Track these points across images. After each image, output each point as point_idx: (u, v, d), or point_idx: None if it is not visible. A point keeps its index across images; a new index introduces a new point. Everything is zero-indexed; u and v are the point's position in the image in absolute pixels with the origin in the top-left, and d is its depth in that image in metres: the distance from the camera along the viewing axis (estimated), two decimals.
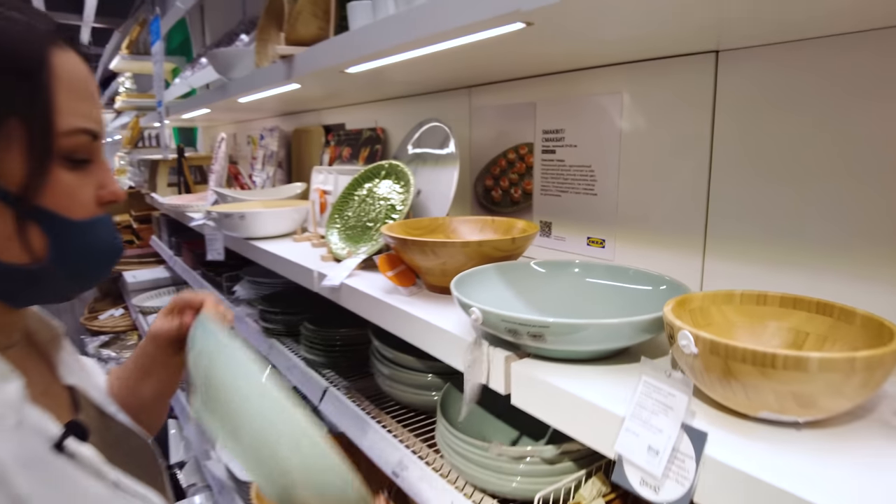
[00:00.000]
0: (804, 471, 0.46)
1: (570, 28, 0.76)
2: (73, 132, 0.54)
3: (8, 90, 0.50)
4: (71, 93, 0.54)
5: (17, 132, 0.51)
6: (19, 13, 0.53)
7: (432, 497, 0.91)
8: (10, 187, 0.51)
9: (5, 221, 0.52)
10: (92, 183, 0.58)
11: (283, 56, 1.29)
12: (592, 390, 0.62)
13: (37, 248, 0.54)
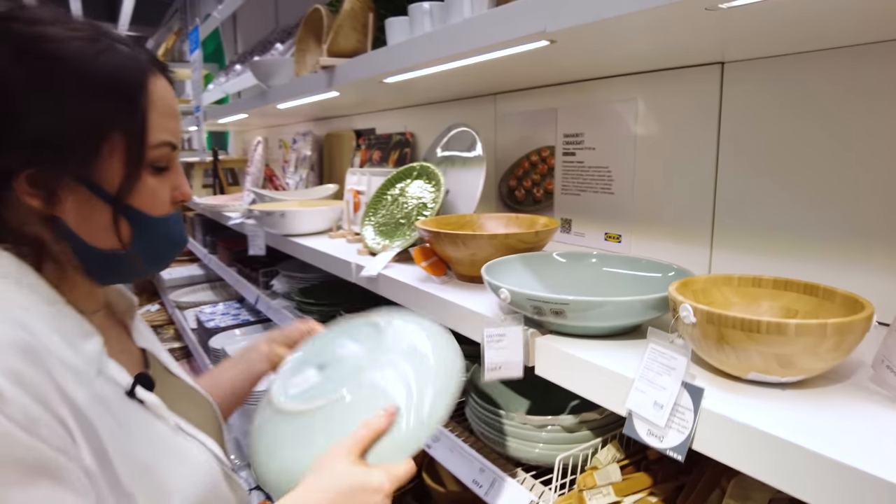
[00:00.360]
0: (786, 420, 0.55)
1: (589, 45, 0.86)
2: (160, 145, 0.66)
3: (114, 109, 0.62)
4: (160, 112, 0.66)
5: (118, 145, 0.63)
6: (125, 46, 0.66)
7: (462, 465, 1.01)
8: (109, 189, 0.63)
9: (103, 216, 0.64)
10: (168, 185, 0.70)
11: (324, 66, 1.41)
12: (607, 359, 0.71)
13: (125, 238, 0.66)
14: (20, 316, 0.58)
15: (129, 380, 0.67)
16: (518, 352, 0.81)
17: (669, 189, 1.10)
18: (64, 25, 0.62)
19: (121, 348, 0.74)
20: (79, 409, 0.58)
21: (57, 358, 0.58)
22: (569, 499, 0.85)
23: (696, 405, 0.60)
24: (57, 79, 0.59)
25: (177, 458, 0.67)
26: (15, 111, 0.59)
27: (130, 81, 0.63)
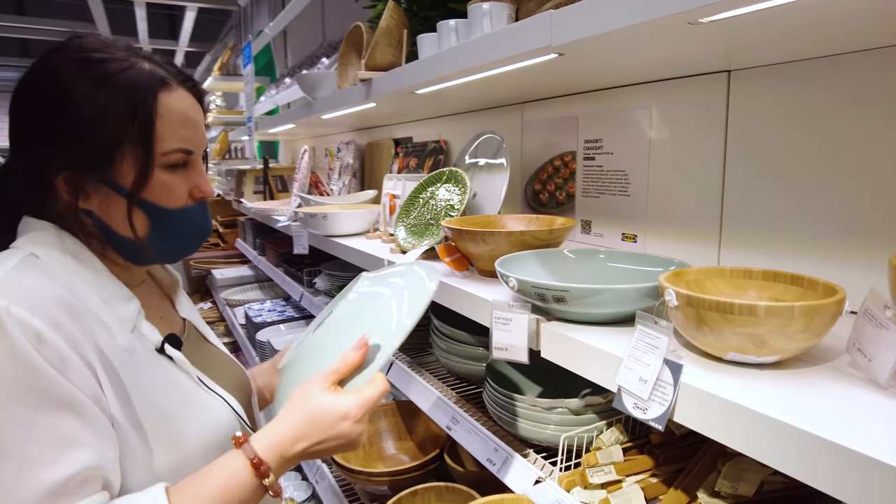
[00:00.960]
0: (760, 395, 0.60)
1: (596, 56, 0.94)
2: (171, 152, 0.76)
3: (125, 122, 0.72)
4: (171, 123, 0.76)
5: (130, 151, 0.74)
6: (148, 62, 0.77)
7: (478, 445, 1.09)
8: (124, 185, 0.74)
9: (122, 209, 0.75)
10: (187, 182, 0.80)
11: (362, 79, 1.53)
12: (604, 342, 0.78)
13: (140, 229, 0.77)
14: (62, 276, 0.71)
15: (160, 338, 0.79)
16: (523, 337, 0.88)
17: (680, 191, 1.15)
18: (101, 51, 0.74)
19: (162, 315, 0.87)
20: (107, 358, 0.70)
21: (93, 314, 0.71)
22: (572, 475, 0.92)
23: (675, 380, 0.66)
24: (87, 97, 0.71)
25: (197, 408, 0.79)
26: (56, 124, 0.72)
27: (139, 97, 0.73)
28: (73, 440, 0.63)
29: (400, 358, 1.52)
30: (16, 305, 0.62)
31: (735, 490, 0.83)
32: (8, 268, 0.67)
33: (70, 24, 6.35)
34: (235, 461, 0.71)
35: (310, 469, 1.73)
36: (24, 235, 0.75)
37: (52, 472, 0.60)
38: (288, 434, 0.74)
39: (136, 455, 0.70)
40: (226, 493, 0.69)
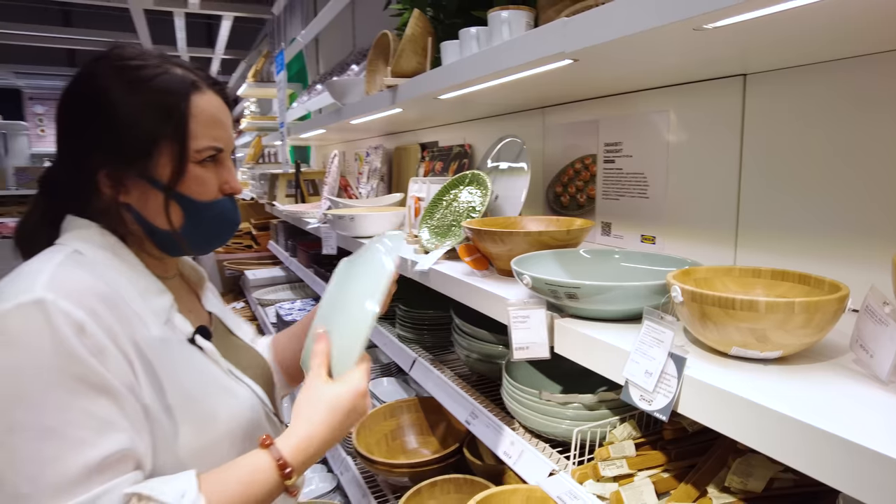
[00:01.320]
0: (761, 388, 0.62)
1: (610, 61, 0.97)
2: (203, 149, 0.83)
3: (162, 122, 0.79)
4: (202, 122, 0.83)
5: (167, 147, 0.80)
6: (180, 68, 0.84)
7: (496, 439, 1.13)
8: (161, 180, 0.81)
9: (159, 201, 0.82)
10: (217, 178, 0.86)
11: (389, 86, 1.58)
12: (614, 338, 0.81)
13: (175, 220, 0.83)
14: (103, 271, 0.77)
15: (191, 330, 0.85)
16: (542, 333, 0.92)
17: (698, 193, 1.17)
18: (136, 59, 0.81)
19: (190, 308, 0.94)
20: (142, 349, 0.75)
21: (130, 307, 0.77)
22: (585, 468, 0.95)
23: (679, 372, 0.69)
24: (126, 100, 0.78)
25: (226, 394, 0.84)
26: (98, 125, 0.79)
27: (174, 99, 0.80)
28: (109, 424, 0.68)
29: (422, 356, 1.57)
30: (62, 299, 0.68)
31: (744, 486, 0.84)
32: (55, 263, 0.73)
33: (114, 35, 6.60)
34: (262, 460, 0.76)
35: (334, 461, 1.79)
36: (68, 233, 0.82)
37: (91, 451, 0.66)
38: (313, 435, 0.79)
39: (166, 438, 0.76)
40: (249, 489, 0.74)
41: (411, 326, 1.62)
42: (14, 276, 0.73)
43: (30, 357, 0.65)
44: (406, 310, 1.63)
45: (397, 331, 1.68)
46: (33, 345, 0.66)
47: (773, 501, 0.85)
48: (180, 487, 0.70)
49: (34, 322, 0.66)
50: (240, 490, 0.73)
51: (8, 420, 0.64)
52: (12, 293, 0.68)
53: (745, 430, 0.61)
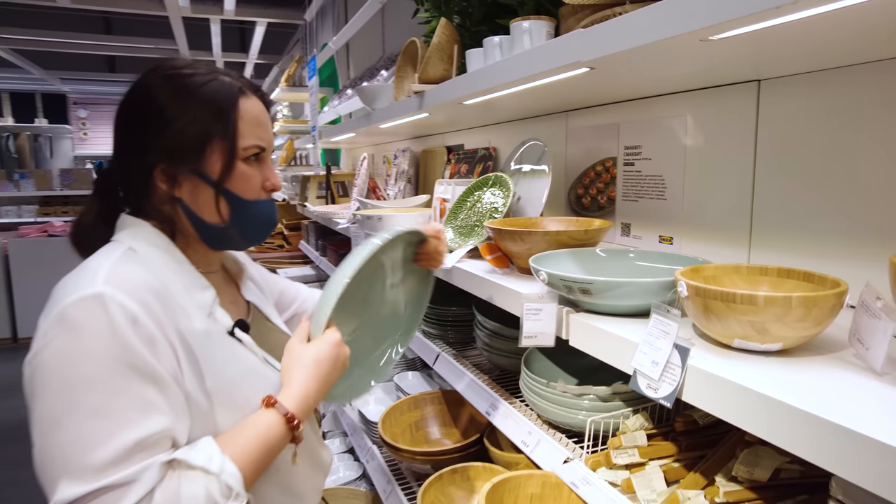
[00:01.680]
0: (760, 377, 0.66)
1: (625, 69, 1.02)
2: (249, 147, 0.91)
3: (214, 122, 0.88)
4: (248, 123, 0.91)
5: (218, 146, 0.89)
6: (226, 76, 0.93)
7: (514, 428, 1.18)
8: (212, 176, 0.89)
9: (208, 196, 0.90)
10: (260, 176, 0.95)
11: (416, 91, 1.65)
12: (623, 330, 0.86)
13: (223, 214, 0.91)
14: (156, 268, 0.86)
15: (231, 322, 0.93)
16: (552, 324, 0.97)
17: (713, 195, 1.21)
18: (188, 68, 0.91)
19: (231, 300, 1.02)
20: (187, 340, 0.83)
21: (178, 301, 0.85)
22: (597, 456, 1.00)
23: (683, 362, 0.74)
24: (180, 104, 0.87)
25: (262, 381, 0.92)
26: (156, 125, 0.87)
27: (226, 103, 0.89)
28: (153, 407, 0.76)
29: (445, 350, 1.63)
30: (119, 292, 0.77)
31: (750, 475, 0.88)
32: (113, 260, 0.82)
33: (153, 41, 6.86)
34: (272, 417, 0.84)
35: (361, 450, 1.86)
36: (123, 231, 0.90)
37: (137, 431, 0.74)
38: (308, 387, 0.88)
39: (205, 420, 0.84)
40: (264, 444, 0.82)
41: (435, 322, 1.69)
42: (78, 271, 0.82)
43: (90, 344, 0.74)
44: (431, 306, 1.70)
45: (422, 327, 1.75)
46: (93, 333, 0.74)
47: (779, 491, 0.88)
48: (206, 451, 0.78)
49: (94, 313, 0.75)
50: (256, 446, 0.82)
51: (69, 399, 0.72)
52: (76, 287, 0.77)
53: (741, 414, 0.65)
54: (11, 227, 6.99)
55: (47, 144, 9.73)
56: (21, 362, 0.79)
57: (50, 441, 0.72)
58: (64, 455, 0.72)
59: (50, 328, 0.75)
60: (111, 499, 0.71)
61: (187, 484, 0.75)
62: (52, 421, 0.73)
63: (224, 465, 0.77)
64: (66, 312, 0.75)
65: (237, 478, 0.78)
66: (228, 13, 4.86)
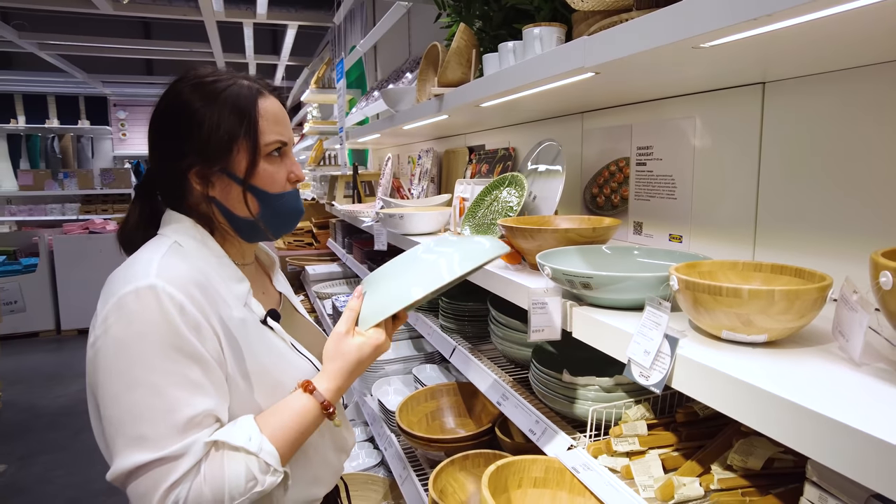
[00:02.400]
0: (744, 366, 0.70)
1: (629, 73, 1.06)
2: (270, 143, 0.98)
3: (238, 123, 0.95)
4: (269, 121, 0.98)
5: (242, 145, 0.96)
6: (246, 80, 1.01)
7: (523, 418, 1.23)
8: (238, 174, 0.96)
9: (238, 193, 0.97)
10: (284, 170, 1.02)
11: (436, 95, 1.71)
12: (621, 323, 0.91)
13: (252, 208, 0.98)
14: (198, 262, 0.94)
15: (263, 312, 1.00)
16: (557, 318, 1.02)
17: (720, 195, 1.24)
18: (210, 76, 0.98)
19: (263, 290, 1.10)
20: (228, 327, 0.92)
21: (218, 292, 0.93)
22: (599, 444, 1.05)
23: (672, 351, 0.78)
24: (207, 109, 0.95)
25: (290, 366, 0.99)
26: (187, 131, 0.95)
27: (246, 105, 0.97)
28: (200, 387, 0.85)
29: (462, 344, 1.69)
30: (168, 284, 0.85)
31: (744, 463, 0.92)
32: (161, 254, 0.91)
33: (188, 45, 7.09)
34: (310, 403, 0.92)
35: (380, 438, 1.93)
36: (168, 226, 0.99)
37: (187, 409, 0.83)
38: (345, 378, 0.96)
39: (244, 401, 0.92)
40: (301, 425, 0.91)
41: (453, 317, 1.75)
42: (130, 263, 0.91)
43: (144, 329, 0.83)
44: (448, 301, 1.76)
45: (440, 321, 1.81)
46: (148, 320, 0.83)
47: (772, 479, 0.92)
48: (246, 431, 0.86)
49: (148, 302, 0.83)
50: (293, 427, 0.90)
51: (128, 378, 0.82)
52: (132, 278, 0.86)
53: (725, 400, 0.69)
54: (56, 225, 7.31)
55: (89, 145, 10.12)
56: (64, 353, 0.89)
57: (112, 414, 0.82)
58: (123, 428, 0.81)
59: (109, 315, 0.84)
60: (164, 470, 0.80)
61: (229, 462, 0.84)
62: (112, 398, 0.82)
63: (262, 444, 0.86)
64: (123, 301, 0.84)
65: (275, 456, 0.86)
66: (260, 17, 5.01)
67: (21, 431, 3.97)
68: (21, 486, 3.28)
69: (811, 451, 0.59)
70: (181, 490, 0.81)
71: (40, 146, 9.55)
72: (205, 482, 0.82)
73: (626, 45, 0.87)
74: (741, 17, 0.68)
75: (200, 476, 0.82)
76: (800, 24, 0.69)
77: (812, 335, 0.83)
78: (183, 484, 0.81)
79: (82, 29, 6.81)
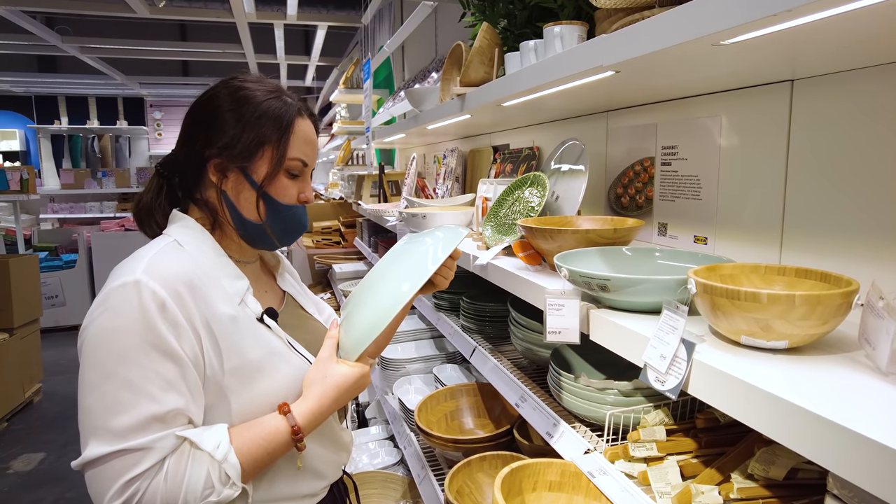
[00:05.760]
0: (765, 374, 0.68)
1: (650, 71, 1.04)
2: (294, 159, 1.01)
3: (272, 132, 0.98)
4: (299, 139, 1.02)
5: (268, 152, 0.99)
6: (289, 98, 1.04)
7: (541, 420, 1.22)
8: (256, 178, 0.99)
9: (250, 195, 1.00)
10: (297, 188, 1.04)
11: (458, 94, 1.71)
12: (638, 326, 0.89)
13: (262, 214, 1.01)
14: (196, 257, 0.97)
15: (260, 310, 1.02)
16: (574, 320, 1.01)
17: (746, 196, 1.20)
18: (256, 83, 1.02)
19: (266, 289, 1.12)
20: (211, 328, 0.92)
21: (210, 289, 0.95)
22: (616, 448, 1.03)
23: (689, 356, 0.76)
24: (247, 110, 0.98)
25: (284, 362, 1.00)
26: (221, 124, 0.98)
27: (283, 119, 1.00)
28: (172, 385, 0.86)
29: (482, 345, 1.68)
30: (152, 280, 0.87)
31: (766, 473, 0.89)
32: (154, 251, 0.94)
33: (221, 46, 7.23)
34: (281, 425, 0.93)
35: (400, 437, 1.94)
36: (172, 225, 1.02)
37: (156, 405, 0.84)
38: (323, 406, 0.96)
39: (224, 396, 0.93)
40: (268, 446, 0.91)
41: (474, 318, 1.74)
42: (129, 258, 0.94)
43: (124, 323, 0.85)
44: (469, 302, 1.76)
45: (461, 321, 1.81)
46: (127, 314, 0.85)
47: (795, 490, 0.89)
48: (216, 438, 0.88)
49: (130, 297, 0.86)
50: (261, 445, 0.91)
51: (105, 369, 0.84)
52: (123, 273, 0.89)
53: (741, 408, 0.67)
54: (94, 222, 7.56)
55: (126, 144, 10.41)
56: None
57: (86, 403, 0.84)
58: (94, 418, 0.83)
59: (96, 307, 0.88)
60: (128, 461, 0.82)
61: (192, 463, 0.86)
62: (89, 387, 0.85)
63: (228, 455, 0.87)
64: (109, 295, 0.87)
65: (236, 469, 0.88)
66: (291, 18, 5.07)
67: (61, 421, 4.11)
68: (59, 474, 3.40)
69: (832, 464, 0.57)
70: (140, 484, 0.82)
71: (81, 146, 9.88)
72: (164, 480, 0.83)
73: (644, 43, 0.85)
74: (760, 13, 0.66)
75: (162, 472, 0.84)
76: (825, 19, 0.67)
77: (837, 342, 0.80)
78: (143, 479, 0.82)
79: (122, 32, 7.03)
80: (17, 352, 4.12)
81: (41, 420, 4.14)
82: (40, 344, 4.59)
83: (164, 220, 1.04)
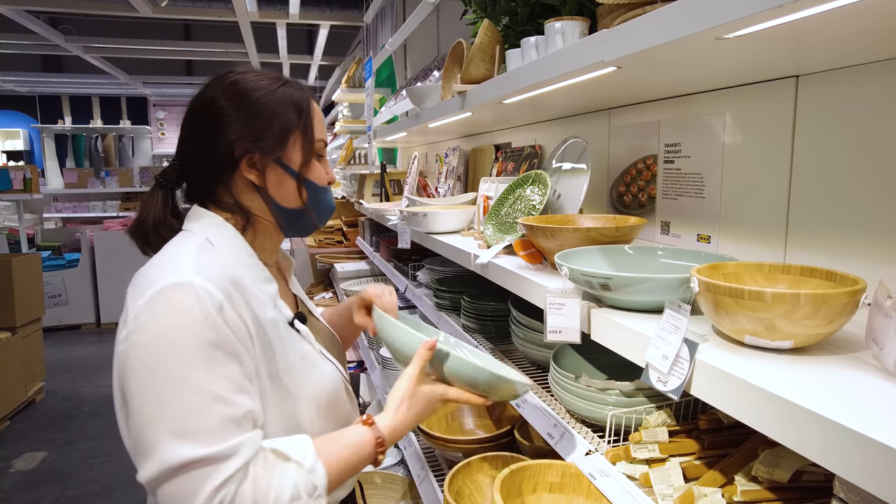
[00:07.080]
0: (768, 375, 0.66)
1: (652, 67, 1.02)
2: (318, 140, 1.02)
3: (296, 119, 0.98)
4: (316, 120, 1.02)
5: (297, 140, 0.98)
6: (298, 84, 1.02)
7: (542, 421, 1.21)
8: (294, 167, 0.98)
9: (290, 184, 0.99)
10: (324, 169, 1.04)
11: (459, 92, 1.69)
12: (640, 326, 0.87)
13: (303, 199, 1.00)
14: (233, 262, 0.93)
15: (291, 314, 1.00)
16: (575, 319, 0.99)
17: (750, 194, 1.19)
18: (256, 74, 1.00)
19: (283, 292, 1.09)
20: (262, 325, 0.90)
21: (251, 291, 0.92)
22: (617, 450, 1.01)
23: (691, 356, 0.75)
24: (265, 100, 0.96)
25: (316, 369, 0.98)
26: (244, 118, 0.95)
27: (302, 102, 1.00)
28: (241, 386, 0.83)
29: (483, 345, 1.67)
30: (206, 281, 0.84)
31: (770, 475, 0.88)
32: (195, 251, 0.89)
33: (224, 46, 7.23)
34: (366, 436, 0.91)
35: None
36: (196, 222, 0.97)
37: (233, 408, 0.80)
38: (407, 422, 0.96)
39: (269, 401, 0.90)
40: (351, 457, 0.89)
41: (475, 317, 1.73)
42: (159, 259, 0.89)
43: (184, 325, 0.80)
44: (470, 301, 1.74)
45: (462, 321, 1.79)
46: (188, 315, 0.81)
47: (800, 493, 0.87)
48: (303, 448, 0.85)
49: (188, 298, 0.81)
50: (344, 457, 0.89)
51: (170, 374, 0.79)
52: (164, 274, 0.84)
53: (744, 408, 0.66)
54: (97, 221, 7.57)
55: (129, 144, 10.44)
56: (104, 345, 0.89)
57: (151, 411, 0.78)
58: (165, 425, 0.77)
59: (143, 311, 0.81)
60: (214, 467, 0.77)
61: (282, 473, 0.82)
62: (152, 394, 0.78)
63: (316, 465, 0.85)
64: (159, 297, 0.81)
65: (323, 479, 0.85)
66: (293, 17, 5.07)
67: (64, 420, 4.12)
68: (61, 472, 3.40)
69: (838, 466, 0.56)
70: (227, 491, 0.77)
71: (84, 145, 9.90)
72: (251, 486, 0.79)
73: (645, 37, 0.84)
74: (764, 4, 0.64)
75: (248, 479, 0.79)
76: (831, 11, 0.65)
77: (843, 342, 0.78)
78: (230, 485, 0.78)
79: (125, 32, 7.03)
80: (19, 351, 4.12)
81: (43, 419, 4.15)
82: (43, 343, 4.59)
83: (169, 234, 0.98)
